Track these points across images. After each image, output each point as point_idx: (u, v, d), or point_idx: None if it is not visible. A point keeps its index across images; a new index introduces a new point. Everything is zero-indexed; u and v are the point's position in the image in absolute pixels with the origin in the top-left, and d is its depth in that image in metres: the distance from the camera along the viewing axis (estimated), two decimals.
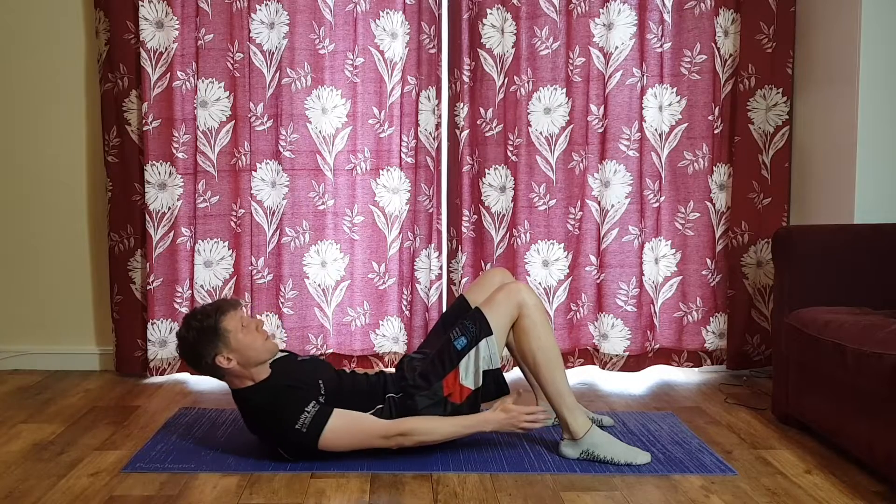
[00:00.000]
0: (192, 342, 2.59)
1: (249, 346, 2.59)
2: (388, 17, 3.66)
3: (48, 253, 3.81)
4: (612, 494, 2.43)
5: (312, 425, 2.52)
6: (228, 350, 2.57)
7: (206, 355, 2.58)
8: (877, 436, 2.42)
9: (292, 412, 2.54)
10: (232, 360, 2.58)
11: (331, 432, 2.53)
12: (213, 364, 2.58)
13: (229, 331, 2.57)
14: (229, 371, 2.61)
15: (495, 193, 3.72)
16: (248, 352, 2.59)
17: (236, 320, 2.60)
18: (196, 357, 2.60)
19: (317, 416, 2.53)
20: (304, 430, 2.52)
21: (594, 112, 3.67)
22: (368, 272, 3.76)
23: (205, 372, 2.64)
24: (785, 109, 3.69)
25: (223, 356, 2.57)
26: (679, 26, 3.69)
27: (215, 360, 2.57)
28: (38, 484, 2.49)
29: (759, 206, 3.71)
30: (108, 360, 3.81)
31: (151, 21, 3.55)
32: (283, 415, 2.55)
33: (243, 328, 2.60)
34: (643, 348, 3.74)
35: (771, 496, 2.42)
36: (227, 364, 2.58)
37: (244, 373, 2.62)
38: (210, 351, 2.57)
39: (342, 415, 2.57)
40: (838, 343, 2.57)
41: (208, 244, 3.67)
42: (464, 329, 2.69)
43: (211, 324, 2.57)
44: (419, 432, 2.60)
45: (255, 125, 3.64)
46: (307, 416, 2.52)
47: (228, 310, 2.61)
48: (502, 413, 2.63)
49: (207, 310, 2.62)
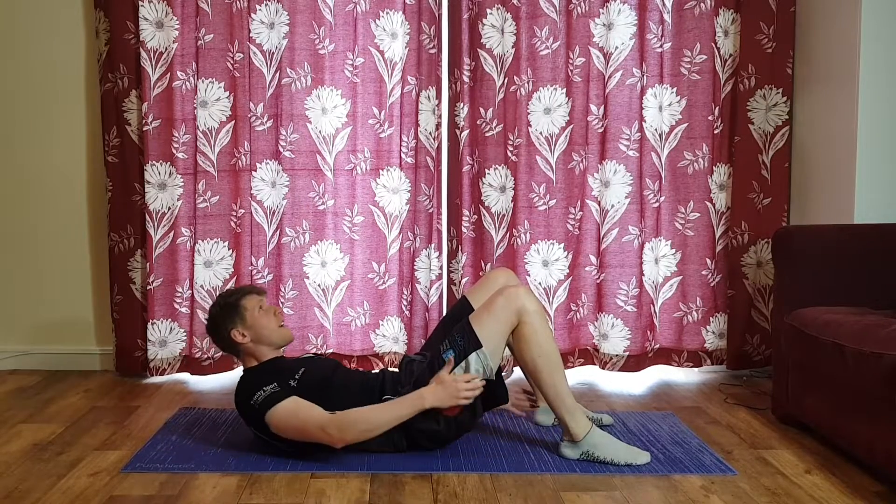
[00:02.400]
0: (214, 316, 2.82)
1: (263, 326, 2.78)
2: (388, 17, 3.66)
3: (48, 253, 3.81)
4: (611, 494, 2.43)
5: (264, 403, 2.61)
6: (244, 326, 2.77)
7: (224, 328, 2.79)
8: (877, 436, 2.42)
9: (253, 389, 2.65)
10: (246, 337, 2.77)
11: (276, 413, 2.59)
12: (228, 337, 2.78)
13: (247, 308, 2.79)
14: (244, 347, 2.79)
15: (495, 193, 3.72)
16: (261, 330, 2.78)
17: (255, 301, 2.82)
18: (216, 329, 2.81)
19: (271, 396, 2.62)
20: (256, 406, 2.62)
21: (594, 112, 3.67)
22: (368, 272, 3.76)
23: (224, 347, 2.84)
24: (785, 109, 3.69)
25: (238, 331, 2.77)
26: (679, 26, 3.69)
27: (231, 333, 2.77)
28: (38, 484, 2.49)
29: (759, 206, 3.71)
30: (108, 360, 3.81)
31: (151, 21, 3.55)
32: (246, 391, 2.68)
33: (261, 309, 2.81)
34: (643, 348, 3.74)
35: (771, 496, 2.42)
36: (241, 339, 2.77)
37: (255, 351, 2.79)
38: (228, 324, 2.78)
39: (295, 401, 2.61)
40: (838, 343, 2.57)
41: (208, 244, 3.67)
42: (452, 342, 2.68)
43: (233, 301, 2.81)
44: (356, 422, 2.56)
45: (255, 125, 3.64)
46: (263, 394, 2.62)
47: (251, 292, 2.85)
48: (438, 386, 2.61)
49: (233, 290, 2.91)
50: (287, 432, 2.61)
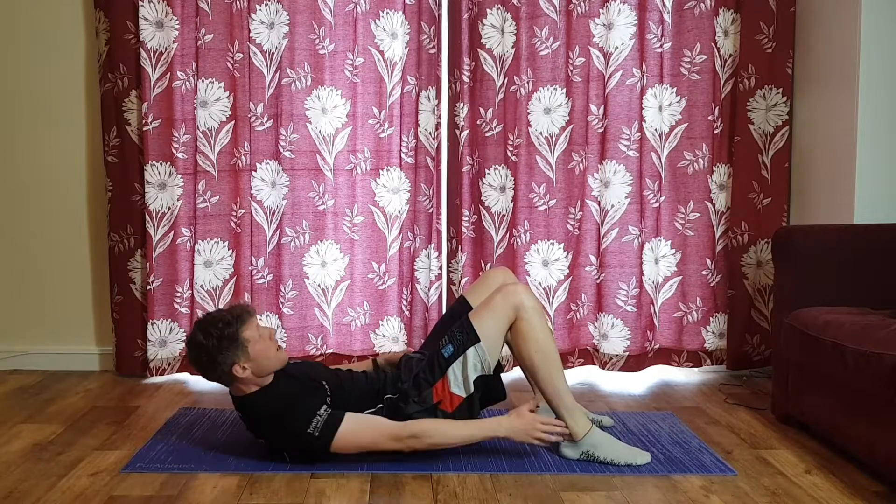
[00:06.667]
0: (211, 350, 2.54)
1: (265, 356, 2.59)
2: (388, 17, 3.66)
3: (48, 253, 3.81)
4: (611, 494, 2.43)
5: (325, 429, 2.51)
6: (246, 359, 2.55)
7: (223, 363, 2.55)
8: (877, 436, 2.42)
9: (303, 417, 2.52)
10: (247, 370, 2.56)
11: (343, 435, 2.52)
12: (229, 373, 2.56)
13: (248, 340, 2.55)
14: (242, 379, 2.59)
15: (495, 193, 3.72)
16: (262, 361, 2.58)
17: (254, 329, 2.59)
18: (212, 364, 2.56)
19: (329, 420, 2.52)
20: (317, 433, 2.51)
21: (594, 112, 3.67)
22: (368, 272, 3.76)
23: (215, 380, 2.62)
24: (785, 109, 3.69)
25: (240, 365, 2.55)
26: (679, 26, 3.69)
27: (233, 369, 2.55)
28: (38, 484, 2.49)
29: (759, 206, 3.71)
30: (108, 360, 3.81)
31: (151, 21, 3.55)
32: (294, 419, 2.53)
33: (260, 338, 2.59)
34: (643, 348, 3.74)
35: (771, 496, 2.42)
36: (243, 373, 2.56)
37: (254, 380, 2.61)
38: (229, 359, 2.54)
39: (353, 417, 2.56)
40: (838, 343, 2.57)
41: (208, 244, 3.67)
42: (451, 337, 2.69)
43: (232, 332, 2.54)
44: (431, 435, 2.56)
45: (255, 125, 3.64)
46: (319, 419, 2.51)
47: (247, 318, 2.59)
48: (517, 419, 2.61)
49: (227, 318, 2.57)
50: (353, 449, 2.57)
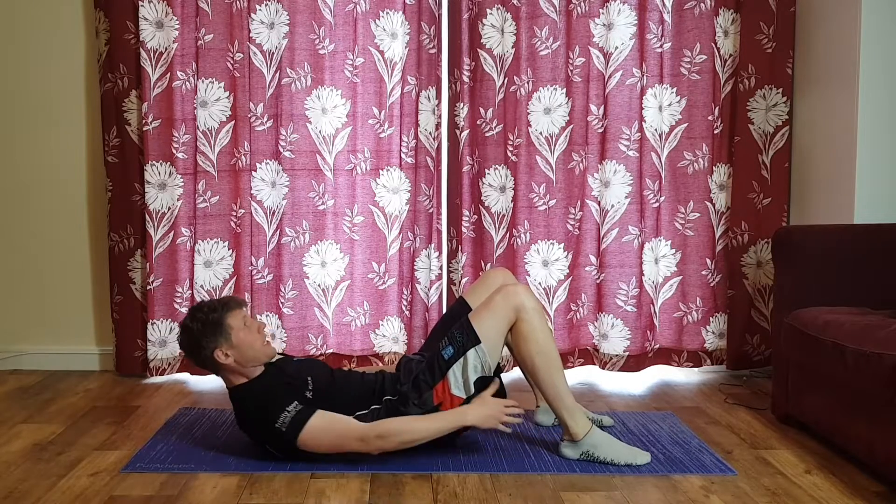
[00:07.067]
0: (195, 333, 2.62)
1: (249, 346, 2.63)
2: (388, 17, 3.66)
3: (48, 253, 3.81)
4: (611, 494, 2.43)
5: (292, 424, 2.52)
6: (228, 346, 2.61)
7: (205, 347, 2.61)
8: (877, 436, 2.42)
9: (275, 410, 2.55)
10: (230, 357, 2.61)
11: (309, 432, 2.52)
12: (211, 357, 2.62)
13: (232, 327, 2.61)
14: (226, 367, 2.64)
15: (495, 193, 3.72)
16: (246, 350, 2.63)
17: (240, 318, 2.65)
18: (196, 348, 2.63)
19: (297, 416, 2.53)
20: (284, 428, 2.53)
21: (594, 112, 3.67)
22: (368, 272, 3.76)
23: (202, 364, 2.67)
24: (785, 109, 3.69)
25: (222, 350, 2.61)
26: (679, 26, 3.69)
27: (214, 353, 2.61)
28: (38, 484, 2.49)
29: (759, 206, 3.71)
30: (108, 360, 3.81)
31: (151, 21, 3.55)
32: (267, 413, 2.56)
33: (245, 327, 2.64)
34: (643, 348, 3.74)
35: (771, 496, 2.42)
36: (224, 359, 2.61)
37: (240, 370, 2.65)
38: (210, 344, 2.60)
39: (323, 416, 2.56)
40: (838, 343, 2.57)
41: (208, 244, 3.67)
42: (451, 339, 2.68)
43: (216, 318, 2.61)
44: (398, 433, 2.55)
45: (255, 125, 3.64)
46: (287, 415, 2.53)
47: (234, 307, 2.66)
48: (481, 406, 2.60)
49: (214, 304, 2.67)
50: (320, 448, 2.57)
